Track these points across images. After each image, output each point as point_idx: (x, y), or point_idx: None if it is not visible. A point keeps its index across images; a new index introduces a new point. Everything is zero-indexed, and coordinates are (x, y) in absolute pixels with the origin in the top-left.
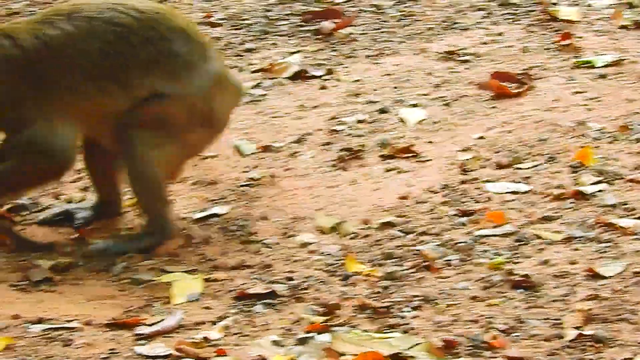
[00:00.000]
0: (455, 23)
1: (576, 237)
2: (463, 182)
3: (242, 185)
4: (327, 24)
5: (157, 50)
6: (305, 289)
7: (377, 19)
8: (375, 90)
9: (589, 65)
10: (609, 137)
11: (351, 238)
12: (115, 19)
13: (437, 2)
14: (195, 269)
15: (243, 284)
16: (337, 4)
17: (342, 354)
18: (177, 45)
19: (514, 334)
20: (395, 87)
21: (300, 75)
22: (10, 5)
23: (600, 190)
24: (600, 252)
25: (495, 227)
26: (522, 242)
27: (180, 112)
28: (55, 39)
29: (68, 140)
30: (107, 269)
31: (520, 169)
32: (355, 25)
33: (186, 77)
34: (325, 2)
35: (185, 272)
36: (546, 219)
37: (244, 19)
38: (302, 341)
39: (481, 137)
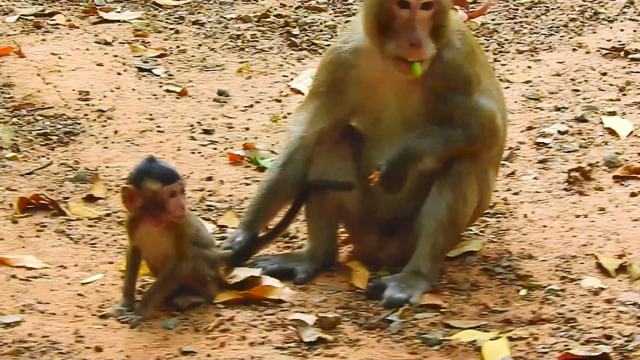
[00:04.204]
0: (598, 14)
1: None
2: None
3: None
4: (462, 13)
5: None
6: (633, 350)
7: (505, 6)
8: (554, 93)
9: None
10: None
11: None
12: None
13: None
14: (484, 323)
15: (554, 343)
16: None
17: None
18: None
19: None
20: (576, 91)
21: None
22: None
23: None
24: None
25: None
26: None
27: None
28: None
29: None
30: (381, 325)
31: None
32: (483, 14)
33: None
34: None
35: (475, 328)
36: None
37: None
38: None
39: None
